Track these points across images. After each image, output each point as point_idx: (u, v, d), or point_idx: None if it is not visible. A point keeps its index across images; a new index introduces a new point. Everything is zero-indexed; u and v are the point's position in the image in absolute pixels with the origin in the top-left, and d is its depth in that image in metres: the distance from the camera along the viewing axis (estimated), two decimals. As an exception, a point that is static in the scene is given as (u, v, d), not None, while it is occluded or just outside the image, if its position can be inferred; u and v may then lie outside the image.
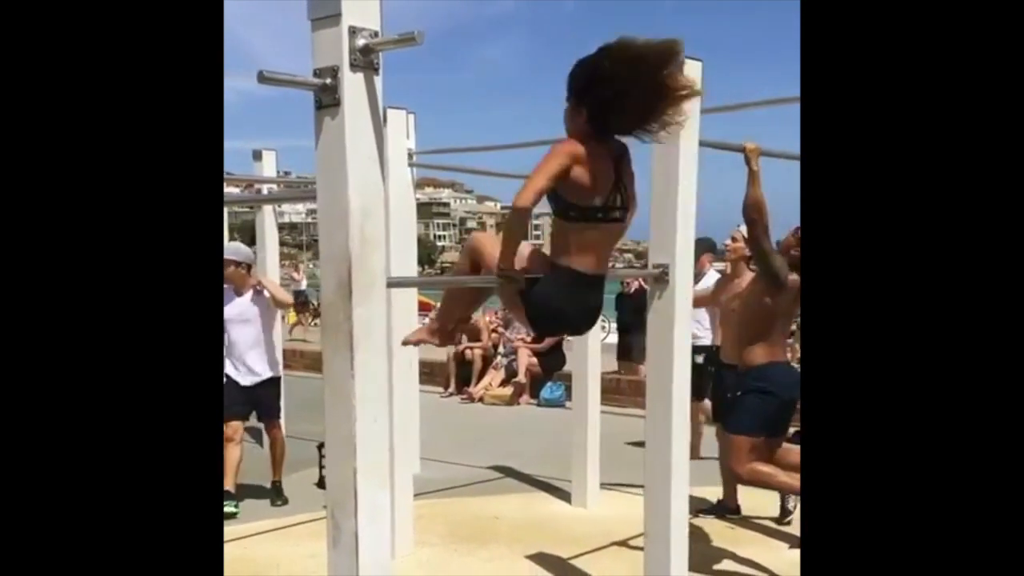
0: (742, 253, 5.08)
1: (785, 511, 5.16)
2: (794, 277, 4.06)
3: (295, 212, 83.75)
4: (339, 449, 2.26)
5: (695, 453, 6.40)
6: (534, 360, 9.75)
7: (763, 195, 3.93)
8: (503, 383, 9.91)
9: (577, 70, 2.69)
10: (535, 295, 2.77)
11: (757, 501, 5.41)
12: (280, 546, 4.64)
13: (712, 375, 5.79)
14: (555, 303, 2.78)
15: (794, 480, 4.08)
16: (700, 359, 6.34)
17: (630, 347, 9.07)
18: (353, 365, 2.19)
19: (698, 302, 5.00)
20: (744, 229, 4.32)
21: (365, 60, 2.12)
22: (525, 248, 2.82)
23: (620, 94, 2.60)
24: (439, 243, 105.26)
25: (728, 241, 5.29)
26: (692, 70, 3.32)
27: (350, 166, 2.13)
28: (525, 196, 2.60)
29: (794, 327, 6.92)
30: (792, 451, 4.27)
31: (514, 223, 2.72)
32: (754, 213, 3.91)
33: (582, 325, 3.01)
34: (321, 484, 5.36)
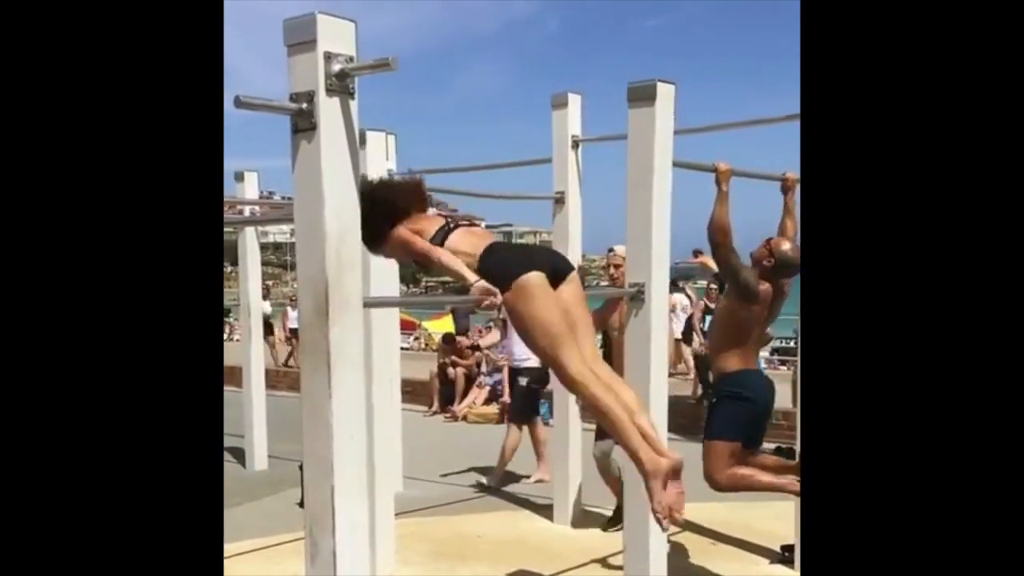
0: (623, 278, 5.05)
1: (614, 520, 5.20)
2: (765, 286, 4.09)
3: (279, 232, 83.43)
4: (317, 467, 2.29)
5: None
6: (518, 379, 9.77)
7: (728, 216, 3.97)
8: (486, 401, 9.92)
9: None
10: (492, 262, 3.01)
11: (735, 516, 5.45)
12: (262, 566, 4.63)
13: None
14: (508, 253, 3.13)
15: (776, 479, 4.06)
16: (524, 381, 6.54)
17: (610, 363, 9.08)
18: (330, 384, 2.22)
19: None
20: (622, 250, 4.33)
21: (341, 85, 2.16)
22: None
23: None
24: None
25: (612, 269, 5.19)
26: (665, 93, 3.40)
27: (326, 189, 2.17)
28: (422, 255, 3.13)
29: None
30: (767, 457, 4.27)
31: (442, 261, 3.08)
32: (718, 236, 3.94)
33: (544, 259, 3.11)
34: (303, 504, 5.36)
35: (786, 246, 4.10)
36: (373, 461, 4.39)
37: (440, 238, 3.14)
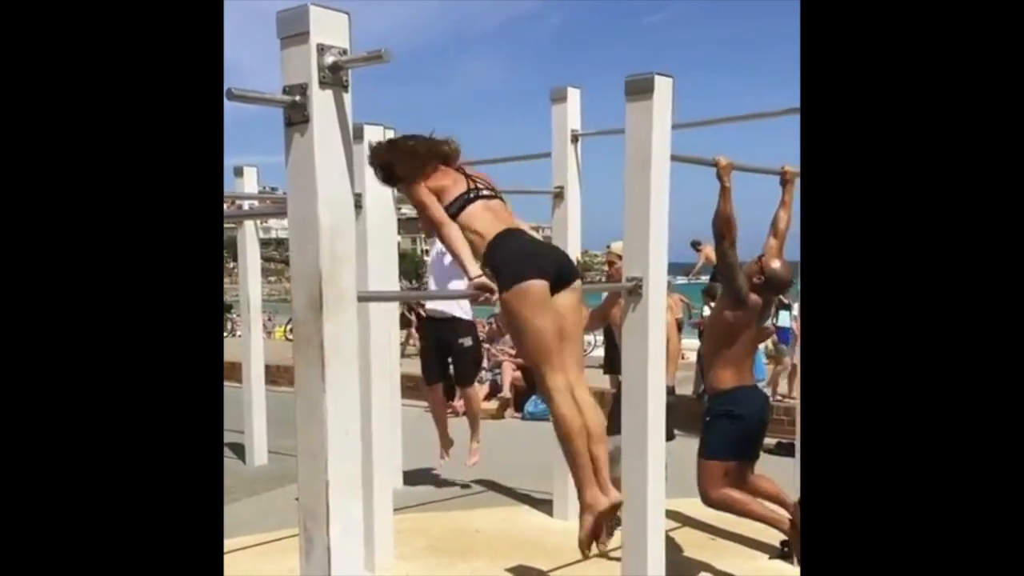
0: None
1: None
2: (754, 298, 4.11)
3: (282, 228, 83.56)
4: (311, 462, 2.28)
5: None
6: (518, 374, 9.75)
7: (733, 210, 3.98)
8: (487, 397, 9.90)
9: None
10: (500, 258, 3.06)
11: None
12: (260, 562, 4.63)
13: None
14: (518, 251, 3.13)
15: (765, 509, 4.12)
16: (470, 341, 6.17)
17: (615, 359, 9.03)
18: (324, 379, 2.21)
19: (591, 322, 4.99)
20: (619, 247, 4.32)
21: (334, 77, 2.15)
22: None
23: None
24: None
25: (606, 267, 5.22)
26: (663, 86, 3.38)
27: (320, 183, 2.15)
28: (433, 224, 3.19)
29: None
30: (764, 479, 4.31)
31: (448, 240, 3.16)
32: (723, 228, 3.95)
33: (552, 263, 3.17)
34: (303, 499, 5.35)
35: (776, 264, 4.18)
36: (372, 456, 4.38)
37: (457, 207, 3.18)
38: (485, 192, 3.30)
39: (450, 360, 6.24)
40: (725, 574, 4.50)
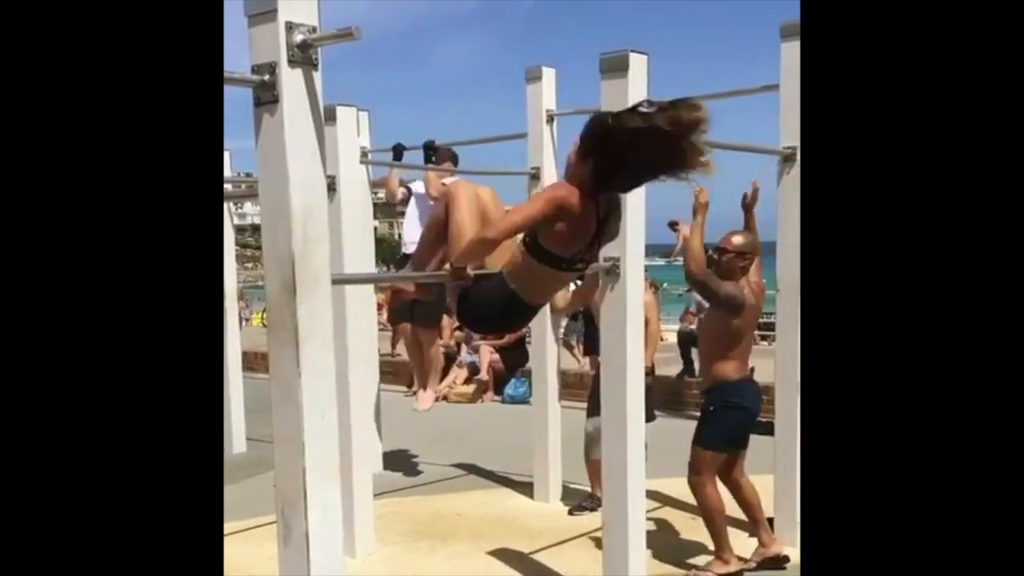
0: None
1: (581, 506, 5.25)
2: (747, 291, 4.12)
3: (257, 214, 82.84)
4: (287, 448, 2.25)
5: None
6: (496, 357, 9.74)
7: (703, 247, 4.06)
8: (467, 380, 9.89)
9: (597, 123, 2.63)
10: (473, 297, 2.83)
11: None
12: (241, 549, 4.59)
13: None
14: (486, 313, 2.88)
15: (724, 534, 4.27)
16: None
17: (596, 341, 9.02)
18: (299, 363, 2.18)
19: (570, 303, 5.00)
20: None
21: (303, 56, 2.11)
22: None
23: (634, 159, 2.55)
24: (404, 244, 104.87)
25: None
26: (638, 63, 3.35)
27: (291, 164, 2.11)
28: (497, 230, 2.65)
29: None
30: (750, 488, 4.35)
31: (476, 249, 2.72)
32: (693, 266, 4.02)
33: (504, 331, 3.10)
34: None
35: (734, 240, 4.18)
36: (351, 442, 4.35)
37: None
38: (580, 266, 2.92)
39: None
40: (706, 553, 4.52)
